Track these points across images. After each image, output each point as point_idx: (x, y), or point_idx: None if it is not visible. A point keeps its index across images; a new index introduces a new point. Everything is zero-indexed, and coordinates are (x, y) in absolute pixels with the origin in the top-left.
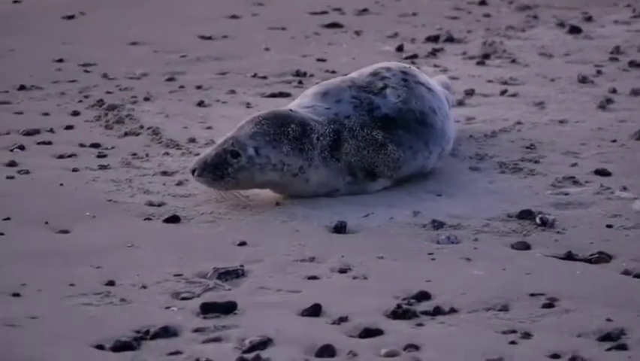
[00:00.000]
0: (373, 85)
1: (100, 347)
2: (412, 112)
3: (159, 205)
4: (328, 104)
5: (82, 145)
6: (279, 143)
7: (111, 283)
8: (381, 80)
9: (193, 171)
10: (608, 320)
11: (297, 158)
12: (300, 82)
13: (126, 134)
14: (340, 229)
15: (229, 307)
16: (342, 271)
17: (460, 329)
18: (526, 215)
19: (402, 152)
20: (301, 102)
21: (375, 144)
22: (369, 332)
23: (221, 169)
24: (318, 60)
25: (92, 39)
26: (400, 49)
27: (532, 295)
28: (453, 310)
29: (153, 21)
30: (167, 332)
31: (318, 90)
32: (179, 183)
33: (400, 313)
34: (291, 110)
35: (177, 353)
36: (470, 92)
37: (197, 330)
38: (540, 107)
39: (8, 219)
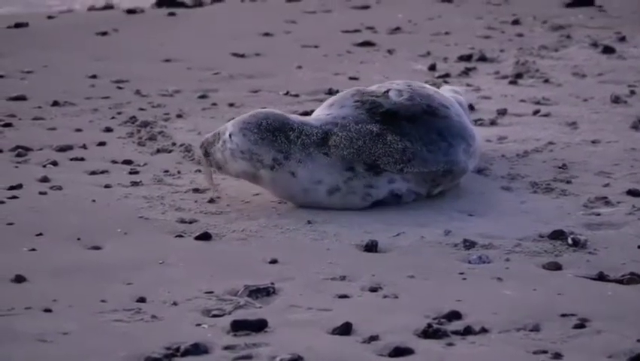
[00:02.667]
0: (377, 91)
1: None
2: (418, 105)
3: (191, 222)
4: (332, 110)
5: (114, 162)
6: (249, 131)
7: (142, 300)
8: (385, 87)
9: None
10: (639, 340)
11: (266, 148)
12: None
13: (158, 151)
14: (371, 247)
15: (260, 325)
16: (373, 289)
17: (491, 349)
18: (557, 235)
19: (407, 142)
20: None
21: (370, 134)
22: (399, 351)
23: (210, 147)
24: (351, 78)
25: (125, 56)
26: (432, 68)
27: (563, 315)
28: (484, 330)
29: (186, 38)
30: (197, 350)
31: (326, 103)
32: (211, 201)
33: (430, 333)
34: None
35: None
36: (503, 112)
37: (227, 348)
38: (573, 127)
39: (41, 235)
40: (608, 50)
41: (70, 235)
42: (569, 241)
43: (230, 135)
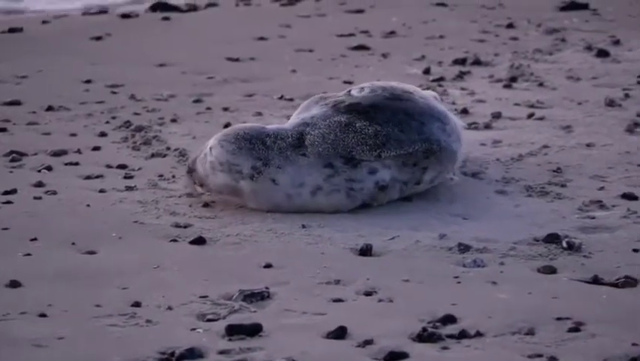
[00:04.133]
0: (340, 93)
1: None
2: (380, 95)
3: (185, 227)
4: (300, 116)
5: (109, 166)
6: (226, 142)
7: (137, 305)
8: (348, 90)
9: None
10: (634, 344)
11: (244, 157)
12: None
13: (153, 155)
14: (366, 251)
15: (254, 330)
16: (368, 293)
17: (486, 353)
18: (552, 239)
19: (377, 126)
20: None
21: (339, 126)
22: (394, 355)
23: (194, 162)
24: (345, 82)
25: (119, 60)
26: (426, 71)
27: (558, 319)
28: (479, 334)
29: (181, 42)
30: (192, 354)
31: (295, 113)
32: (206, 205)
33: (425, 337)
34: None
35: None
36: (497, 115)
37: (222, 352)
38: (567, 131)
39: (35, 239)
40: (602, 54)
41: (65, 239)
42: (564, 244)
43: (210, 148)
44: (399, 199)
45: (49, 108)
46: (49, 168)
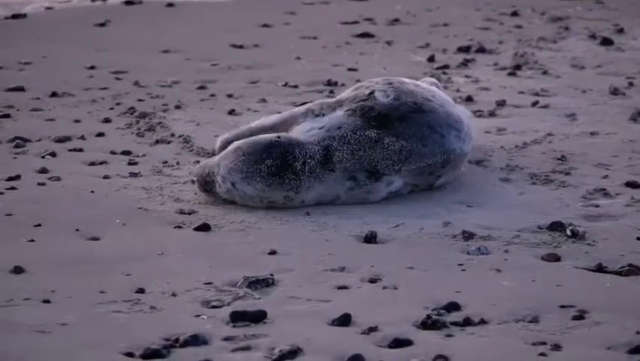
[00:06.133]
0: (361, 94)
1: (129, 354)
2: (405, 104)
3: (190, 213)
4: (322, 122)
5: (113, 152)
6: (253, 181)
7: (141, 291)
8: (367, 88)
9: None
10: (638, 332)
11: (276, 191)
12: (332, 91)
13: (157, 142)
14: (370, 238)
15: (259, 316)
16: (372, 281)
17: (490, 340)
18: (556, 227)
19: (403, 142)
20: (300, 128)
21: (370, 142)
22: (398, 343)
23: (210, 185)
24: (350, 70)
25: (123, 47)
26: (431, 59)
27: (562, 307)
28: (483, 322)
29: (185, 29)
30: (196, 340)
31: (311, 107)
32: None
33: (429, 324)
34: (278, 136)
35: None
36: (501, 103)
37: (226, 339)
38: (571, 119)
39: (39, 225)
40: (606, 42)
41: (69, 226)
42: (568, 232)
43: (233, 185)
44: None
45: (54, 94)
46: (53, 155)
